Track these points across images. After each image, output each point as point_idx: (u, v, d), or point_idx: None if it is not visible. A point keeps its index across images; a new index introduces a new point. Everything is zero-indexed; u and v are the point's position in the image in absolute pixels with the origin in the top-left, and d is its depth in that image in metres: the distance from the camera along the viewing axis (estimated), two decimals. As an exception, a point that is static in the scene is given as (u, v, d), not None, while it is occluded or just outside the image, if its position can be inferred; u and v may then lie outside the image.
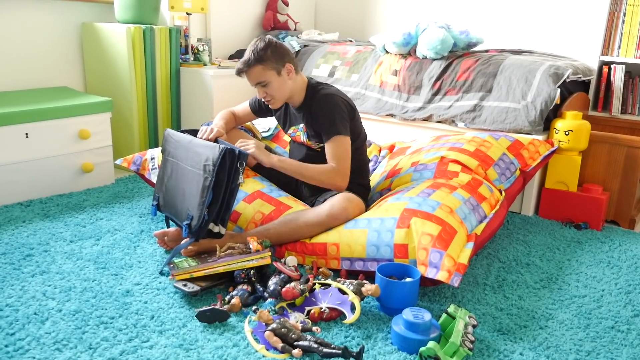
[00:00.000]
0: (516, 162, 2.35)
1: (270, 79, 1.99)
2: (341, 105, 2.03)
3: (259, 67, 1.97)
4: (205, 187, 1.82)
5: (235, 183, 1.86)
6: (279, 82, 2.01)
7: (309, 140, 2.13)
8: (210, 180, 1.82)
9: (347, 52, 3.22)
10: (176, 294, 1.72)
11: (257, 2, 3.84)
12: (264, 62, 1.97)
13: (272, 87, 2.01)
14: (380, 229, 1.81)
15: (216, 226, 1.86)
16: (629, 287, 1.92)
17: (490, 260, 2.09)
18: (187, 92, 3.21)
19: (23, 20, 2.85)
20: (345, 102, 2.06)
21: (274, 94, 2.03)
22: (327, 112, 2.01)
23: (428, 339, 1.45)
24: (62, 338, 1.45)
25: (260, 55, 1.96)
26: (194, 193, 1.87)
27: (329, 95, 2.04)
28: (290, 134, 2.22)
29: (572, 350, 1.52)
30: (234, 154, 1.83)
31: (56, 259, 1.92)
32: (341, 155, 2.01)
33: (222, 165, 1.82)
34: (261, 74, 1.98)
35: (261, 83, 2.00)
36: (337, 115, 2.00)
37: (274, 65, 1.98)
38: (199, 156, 1.88)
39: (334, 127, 2.00)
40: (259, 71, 1.98)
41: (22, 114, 2.39)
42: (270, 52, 1.97)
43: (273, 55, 1.98)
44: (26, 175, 2.45)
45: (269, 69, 1.98)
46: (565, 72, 2.57)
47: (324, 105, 2.02)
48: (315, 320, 1.59)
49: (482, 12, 3.58)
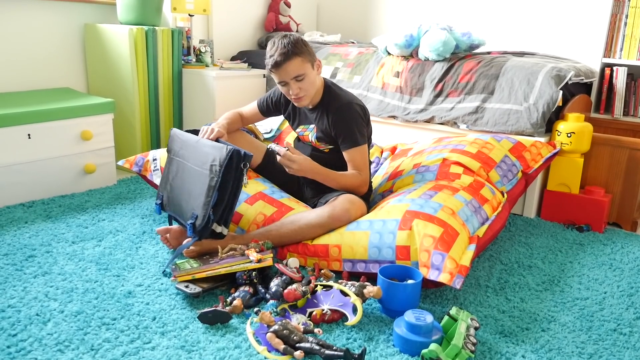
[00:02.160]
0: (518, 164, 2.34)
1: (307, 71, 1.95)
2: (360, 114, 2.05)
3: (298, 58, 1.93)
4: (211, 187, 1.83)
5: (239, 184, 1.86)
6: (313, 76, 1.99)
7: (317, 142, 2.14)
8: (216, 181, 1.83)
9: (349, 54, 3.22)
10: (178, 296, 1.72)
11: (259, 3, 3.84)
12: (302, 54, 1.93)
13: (306, 81, 1.97)
14: (382, 231, 1.81)
15: (219, 226, 1.87)
16: (631, 290, 1.91)
17: (492, 262, 2.09)
18: (189, 93, 3.22)
19: (26, 21, 2.85)
20: (362, 108, 2.08)
21: (308, 89, 1.98)
22: (348, 123, 2.02)
23: (430, 341, 1.45)
24: (64, 339, 1.45)
25: (298, 47, 1.93)
26: (199, 193, 1.87)
27: (350, 104, 2.03)
28: (299, 132, 2.22)
29: (574, 352, 1.52)
30: (240, 155, 1.84)
31: (58, 260, 1.92)
32: (363, 163, 2.06)
33: (228, 166, 1.83)
34: (300, 66, 1.93)
35: (298, 77, 1.95)
36: (356, 126, 2.02)
37: (310, 58, 1.96)
38: (206, 156, 1.89)
39: (354, 137, 2.02)
40: (297, 63, 1.93)
41: (24, 115, 2.40)
42: (304, 44, 1.96)
43: (307, 48, 1.96)
44: (28, 176, 2.46)
45: (306, 61, 1.95)
46: (567, 74, 2.57)
47: (346, 116, 2.02)
48: (317, 322, 1.59)
49: (484, 14, 3.58)
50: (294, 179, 2.28)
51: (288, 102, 2.18)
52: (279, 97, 2.20)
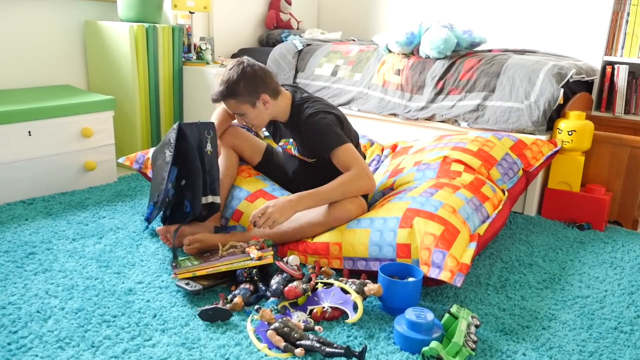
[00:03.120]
0: (519, 162, 2.34)
1: (245, 111, 1.98)
2: (329, 122, 1.96)
3: (232, 101, 1.95)
4: (167, 163, 1.94)
5: (204, 151, 1.96)
6: (255, 113, 1.99)
7: (300, 155, 2.12)
8: (170, 155, 1.93)
9: (350, 52, 3.21)
10: (178, 293, 1.72)
11: (260, 1, 3.83)
12: (237, 96, 1.94)
13: (248, 117, 2.00)
14: (383, 229, 1.81)
15: (209, 197, 1.95)
16: (632, 288, 1.91)
17: (492, 260, 2.09)
18: (189, 90, 3.22)
19: (26, 18, 2.85)
20: (332, 114, 2.00)
21: (252, 122, 2.03)
22: (318, 133, 1.96)
23: (430, 339, 1.45)
24: (64, 336, 1.45)
25: (234, 90, 1.92)
26: (160, 174, 1.99)
27: (313, 115, 1.97)
28: (282, 146, 2.20)
29: (575, 350, 1.52)
30: (196, 126, 1.96)
31: (59, 257, 1.92)
32: (352, 159, 1.94)
33: (180, 139, 1.94)
34: (235, 107, 1.97)
35: (237, 113, 2.01)
36: (329, 132, 1.95)
37: (247, 99, 1.94)
38: (165, 141, 2.04)
39: (330, 141, 1.94)
40: (232, 104, 1.97)
41: (25, 112, 2.40)
42: (243, 85, 1.91)
43: (246, 89, 1.92)
44: (29, 173, 2.46)
45: (242, 102, 1.95)
46: (568, 72, 2.57)
47: (314, 129, 1.96)
48: (318, 320, 1.59)
49: (485, 12, 3.57)
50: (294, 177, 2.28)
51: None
52: None
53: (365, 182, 1.93)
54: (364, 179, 1.93)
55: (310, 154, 2.09)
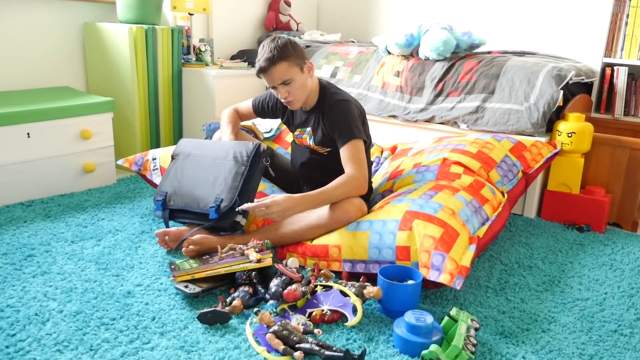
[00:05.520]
0: (518, 164, 2.34)
1: (294, 76, 1.93)
2: (355, 111, 2.01)
3: (285, 63, 1.90)
4: (239, 174, 1.99)
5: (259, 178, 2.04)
6: (302, 79, 1.96)
7: (315, 144, 2.12)
8: (244, 169, 1.99)
9: (349, 53, 3.21)
10: (177, 296, 1.71)
11: (259, 2, 3.83)
12: (289, 58, 1.90)
13: (295, 86, 1.94)
14: (382, 231, 1.81)
15: (239, 216, 1.98)
16: (631, 290, 1.91)
17: (492, 262, 2.09)
18: (189, 92, 3.21)
19: (25, 20, 2.84)
20: (358, 108, 2.05)
21: (296, 93, 1.96)
22: (343, 117, 1.98)
23: (430, 341, 1.45)
24: (63, 339, 1.45)
25: (285, 52, 1.89)
26: (224, 178, 2.01)
27: (344, 101, 2.01)
28: (297, 136, 2.20)
29: (574, 353, 1.52)
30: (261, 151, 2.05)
31: (57, 259, 1.92)
32: (358, 158, 1.95)
33: (255, 157, 2.02)
34: (286, 71, 1.91)
35: (285, 81, 1.93)
36: (352, 121, 1.97)
37: (298, 62, 1.93)
38: (227, 151, 2.07)
39: (351, 130, 1.96)
40: (284, 68, 1.90)
41: (23, 114, 2.39)
42: (292, 48, 1.92)
43: (295, 52, 1.93)
44: (27, 175, 2.45)
45: (293, 65, 1.92)
46: (568, 73, 2.57)
47: (340, 112, 1.98)
48: (317, 323, 1.58)
49: (484, 14, 3.57)
50: (294, 179, 2.28)
51: (285, 107, 2.16)
52: (275, 102, 2.18)
53: (361, 188, 1.95)
54: (362, 186, 1.94)
55: (325, 142, 2.07)
